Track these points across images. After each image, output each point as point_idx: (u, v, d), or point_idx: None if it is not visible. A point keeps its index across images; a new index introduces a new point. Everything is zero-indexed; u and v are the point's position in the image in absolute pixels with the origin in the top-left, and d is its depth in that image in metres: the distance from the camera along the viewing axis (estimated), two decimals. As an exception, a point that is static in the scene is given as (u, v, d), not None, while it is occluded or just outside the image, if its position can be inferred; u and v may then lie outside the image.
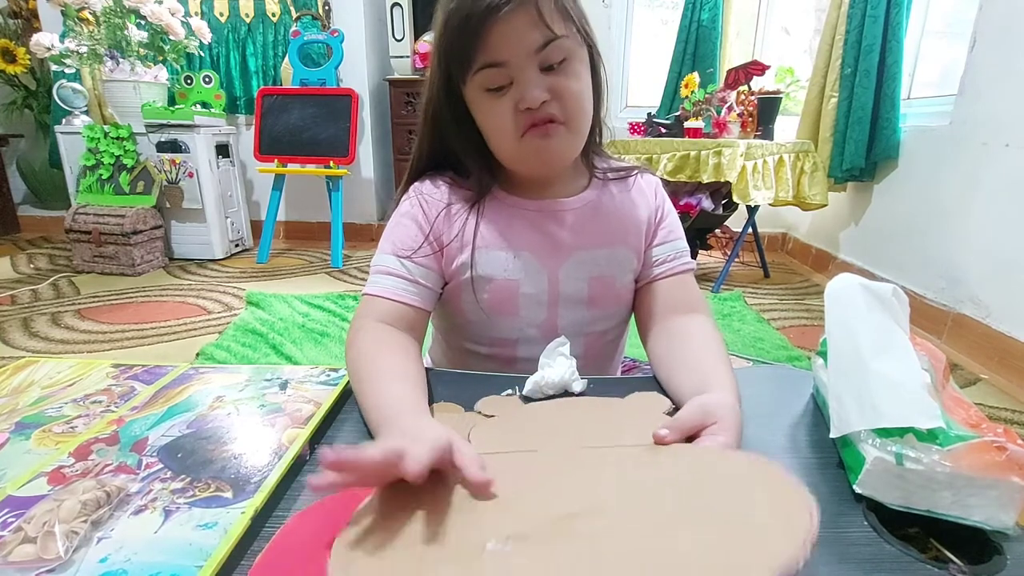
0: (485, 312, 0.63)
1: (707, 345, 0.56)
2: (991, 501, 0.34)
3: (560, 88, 0.54)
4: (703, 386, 0.48)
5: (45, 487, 0.37)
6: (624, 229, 0.65)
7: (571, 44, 0.54)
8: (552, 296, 0.63)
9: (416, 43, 3.05)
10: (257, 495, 0.36)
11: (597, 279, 0.64)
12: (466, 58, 0.54)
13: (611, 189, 0.67)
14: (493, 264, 0.62)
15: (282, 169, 2.68)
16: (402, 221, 0.62)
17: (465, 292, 0.63)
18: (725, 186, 2.28)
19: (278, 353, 1.62)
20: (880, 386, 0.39)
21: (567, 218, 0.63)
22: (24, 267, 2.55)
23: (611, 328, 0.69)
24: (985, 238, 1.71)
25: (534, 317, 0.64)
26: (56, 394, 0.50)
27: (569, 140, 0.58)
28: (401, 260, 0.60)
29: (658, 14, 3.30)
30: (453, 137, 0.61)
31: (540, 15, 0.52)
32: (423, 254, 0.61)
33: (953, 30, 2.19)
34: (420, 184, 0.65)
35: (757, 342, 1.77)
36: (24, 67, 3.15)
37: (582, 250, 0.63)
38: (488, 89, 0.55)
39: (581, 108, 0.57)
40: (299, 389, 0.51)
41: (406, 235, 0.62)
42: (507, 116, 0.55)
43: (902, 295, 0.47)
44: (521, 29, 0.52)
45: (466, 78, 0.55)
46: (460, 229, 0.62)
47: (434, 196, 0.63)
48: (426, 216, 0.62)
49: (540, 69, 0.54)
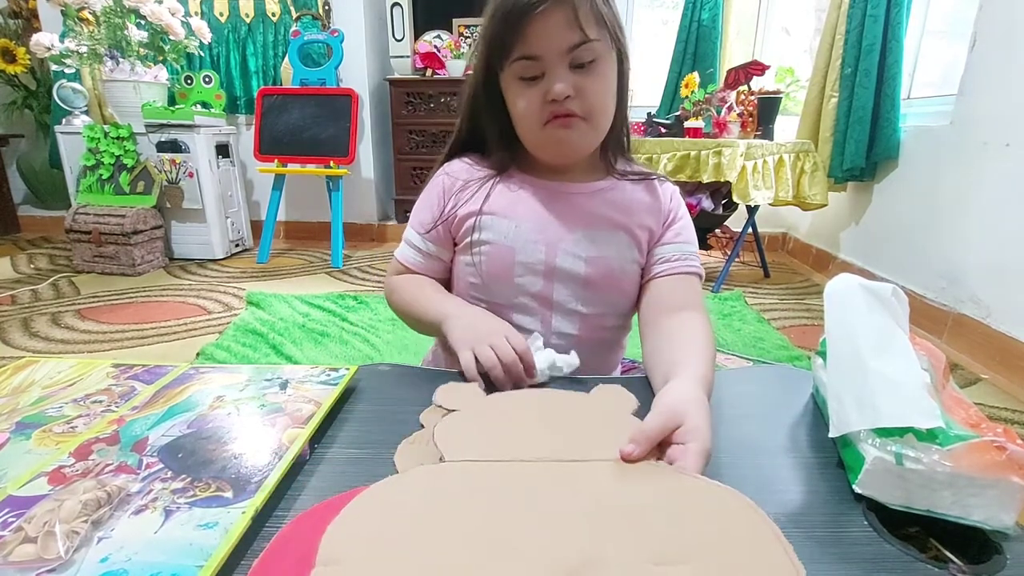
0: (482, 276, 0.68)
1: (688, 338, 0.57)
2: (991, 501, 0.34)
3: (585, 87, 0.59)
4: (669, 373, 0.50)
5: (45, 487, 0.37)
6: (629, 219, 0.68)
7: (601, 48, 0.59)
8: (548, 268, 0.66)
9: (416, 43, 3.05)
10: (257, 495, 0.36)
11: (595, 258, 0.66)
12: (505, 48, 0.59)
13: (625, 186, 0.70)
14: (494, 230, 0.67)
15: (282, 169, 2.68)
16: (424, 196, 0.72)
17: (466, 255, 0.69)
18: (725, 186, 2.28)
19: (278, 353, 1.62)
20: (880, 386, 0.39)
21: (574, 199, 0.68)
22: (24, 267, 2.55)
23: (609, 315, 0.70)
24: (985, 238, 1.71)
25: (529, 286, 0.67)
26: (56, 394, 0.50)
27: (587, 134, 0.63)
28: (419, 235, 0.71)
29: (658, 14, 3.30)
30: (484, 115, 0.68)
31: (576, 17, 0.57)
32: (435, 228, 0.70)
33: (953, 30, 2.19)
34: (448, 164, 0.73)
35: (757, 342, 1.77)
36: (24, 67, 3.15)
37: (583, 229, 0.67)
38: (521, 78, 0.61)
39: (601, 107, 0.62)
40: (299, 389, 0.51)
41: (425, 209, 0.71)
42: (534, 104, 0.60)
43: (902, 295, 0.47)
44: (557, 28, 0.57)
45: (503, 65, 0.61)
46: (471, 199, 0.68)
47: (458, 172, 0.71)
48: (445, 191, 0.70)
49: (570, 67, 0.59)
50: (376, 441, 0.45)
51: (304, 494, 0.39)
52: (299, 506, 0.38)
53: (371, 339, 1.74)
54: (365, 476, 0.40)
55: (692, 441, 0.40)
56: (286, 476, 0.39)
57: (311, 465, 0.43)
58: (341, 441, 0.46)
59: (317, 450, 0.45)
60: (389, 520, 0.33)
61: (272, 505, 0.37)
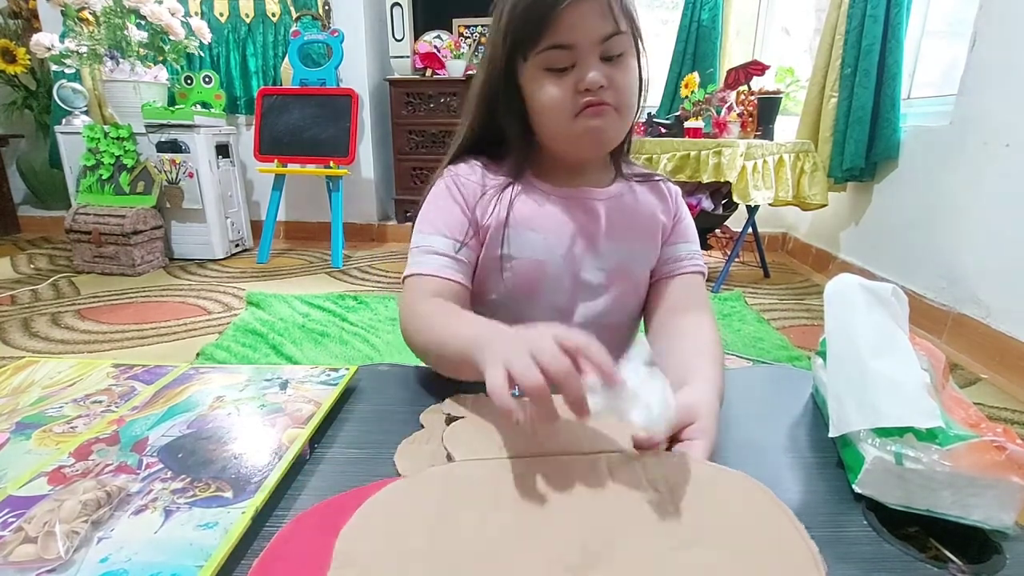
0: (508, 291, 0.64)
1: (699, 343, 0.58)
2: (990, 500, 0.34)
3: (616, 78, 0.58)
4: (684, 380, 0.49)
5: (45, 487, 0.37)
6: (646, 227, 0.68)
7: (628, 41, 0.58)
8: (573, 283, 0.65)
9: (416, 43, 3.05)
10: (257, 495, 0.36)
11: (616, 271, 0.66)
12: (534, 37, 0.57)
13: (634, 187, 0.69)
14: (522, 244, 0.63)
15: (282, 169, 2.68)
16: (439, 202, 0.65)
17: (492, 271, 0.65)
18: (725, 186, 2.28)
19: (278, 353, 1.62)
20: (879, 386, 0.39)
21: (598, 208, 0.66)
22: (24, 267, 2.55)
23: (623, 323, 0.70)
24: (985, 238, 1.71)
25: (555, 301, 0.65)
26: (56, 394, 0.50)
27: (618, 125, 0.61)
28: (445, 239, 0.62)
29: (658, 14, 3.30)
30: (504, 114, 0.64)
31: (610, 8, 0.56)
32: (464, 233, 0.63)
33: (953, 30, 2.19)
34: (455, 167, 0.67)
35: (757, 342, 1.77)
36: (24, 67, 3.15)
37: (608, 241, 0.65)
38: (548, 69, 0.58)
39: (630, 100, 0.60)
40: (299, 389, 0.51)
41: (448, 215, 0.64)
42: (566, 95, 0.58)
43: (902, 295, 0.47)
44: (592, 17, 0.55)
45: (528, 55, 0.58)
46: (495, 208, 0.64)
47: (470, 178, 0.66)
48: (464, 196, 0.64)
49: (600, 58, 0.57)
50: (376, 441, 0.45)
51: (304, 494, 0.39)
52: (299, 506, 0.38)
53: (371, 339, 1.74)
54: (365, 476, 0.40)
55: (699, 439, 0.41)
56: (286, 476, 0.39)
57: (311, 465, 0.43)
58: (341, 441, 0.46)
59: (317, 450, 0.45)
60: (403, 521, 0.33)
61: (272, 505, 0.37)
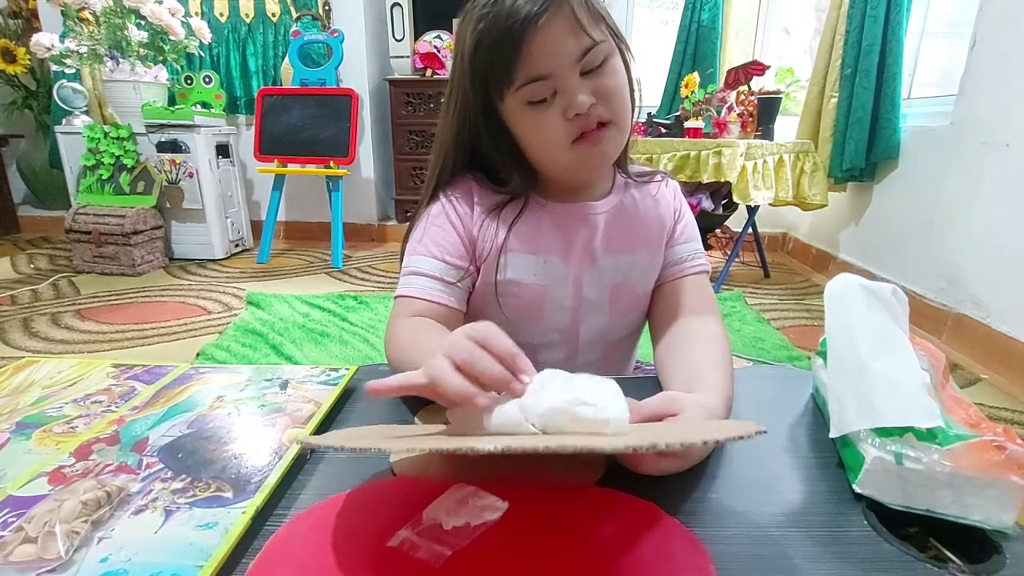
0: (508, 317, 0.62)
1: (706, 346, 0.56)
2: (990, 500, 0.34)
3: (603, 88, 0.54)
4: (691, 387, 0.49)
5: (46, 487, 0.37)
6: (646, 234, 0.65)
7: (607, 46, 0.54)
8: (575, 302, 0.63)
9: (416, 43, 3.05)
10: (257, 495, 0.36)
11: (619, 286, 0.64)
12: (507, 75, 0.53)
13: (633, 192, 0.67)
14: (520, 268, 0.61)
15: (282, 169, 2.68)
16: (435, 223, 0.62)
17: (489, 296, 0.62)
18: (725, 186, 2.28)
19: (278, 353, 1.62)
20: (879, 386, 0.39)
21: (596, 222, 0.63)
22: (24, 267, 2.55)
23: (628, 336, 0.69)
24: (985, 238, 1.71)
25: (557, 322, 0.64)
26: (56, 394, 0.50)
27: (618, 139, 0.57)
28: (436, 261, 0.60)
29: (658, 14, 3.30)
30: (490, 154, 0.60)
31: (577, 21, 0.51)
32: (458, 255, 0.61)
33: (953, 30, 2.19)
34: (451, 188, 0.64)
35: (757, 342, 1.77)
36: (24, 67, 3.15)
37: (608, 256, 0.63)
38: (531, 102, 0.54)
39: (623, 105, 0.56)
40: (299, 389, 0.51)
41: (441, 237, 0.61)
42: (556, 126, 0.54)
43: (902, 295, 0.47)
44: (562, 38, 0.51)
45: (505, 95, 0.54)
46: (491, 232, 0.61)
47: (465, 200, 0.62)
48: (460, 219, 0.61)
49: (581, 74, 0.53)
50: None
51: (304, 494, 0.39)
52: (299, 506, 0.38)
53: (371, 339, 1.74)
54: (364, 476, 0.40)
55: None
56: (286, 476, 0.39)
57: (311, 465, 0.42)
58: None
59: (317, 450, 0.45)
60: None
61: (272, 505, 0.37)
